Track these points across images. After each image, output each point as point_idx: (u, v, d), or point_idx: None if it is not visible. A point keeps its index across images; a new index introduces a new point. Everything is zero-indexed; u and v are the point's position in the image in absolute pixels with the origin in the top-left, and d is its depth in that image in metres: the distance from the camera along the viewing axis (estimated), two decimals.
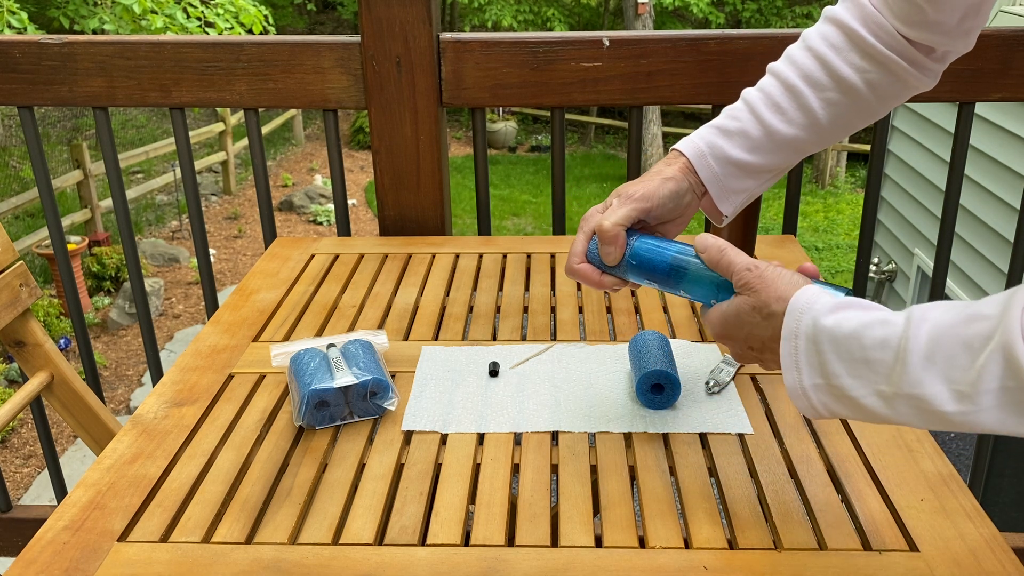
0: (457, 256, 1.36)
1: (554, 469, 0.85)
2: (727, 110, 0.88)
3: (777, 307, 0.69)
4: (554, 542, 0.75)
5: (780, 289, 0.69)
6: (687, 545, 0.74)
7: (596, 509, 0.80)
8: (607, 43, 1.41)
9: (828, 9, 0.87)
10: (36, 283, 1.31)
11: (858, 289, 1.56)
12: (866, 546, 0.73)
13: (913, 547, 0.73)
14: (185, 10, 5.65)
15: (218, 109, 8.36)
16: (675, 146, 0.88)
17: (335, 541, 0.75)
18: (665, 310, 1.18)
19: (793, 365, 0.66)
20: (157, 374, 1.67)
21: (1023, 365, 0.53)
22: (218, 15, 5.72)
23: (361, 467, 0.85)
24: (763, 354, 0.72)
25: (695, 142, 0.87)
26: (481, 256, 1.36)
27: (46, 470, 4.18)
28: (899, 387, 0.60)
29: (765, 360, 0.73)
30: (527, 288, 1.25)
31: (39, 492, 4.18)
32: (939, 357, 0.58)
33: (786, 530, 0.75)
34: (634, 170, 1.52)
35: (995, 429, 0.57)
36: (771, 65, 0.88)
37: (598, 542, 0.75)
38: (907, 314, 0.61)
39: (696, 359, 1.03)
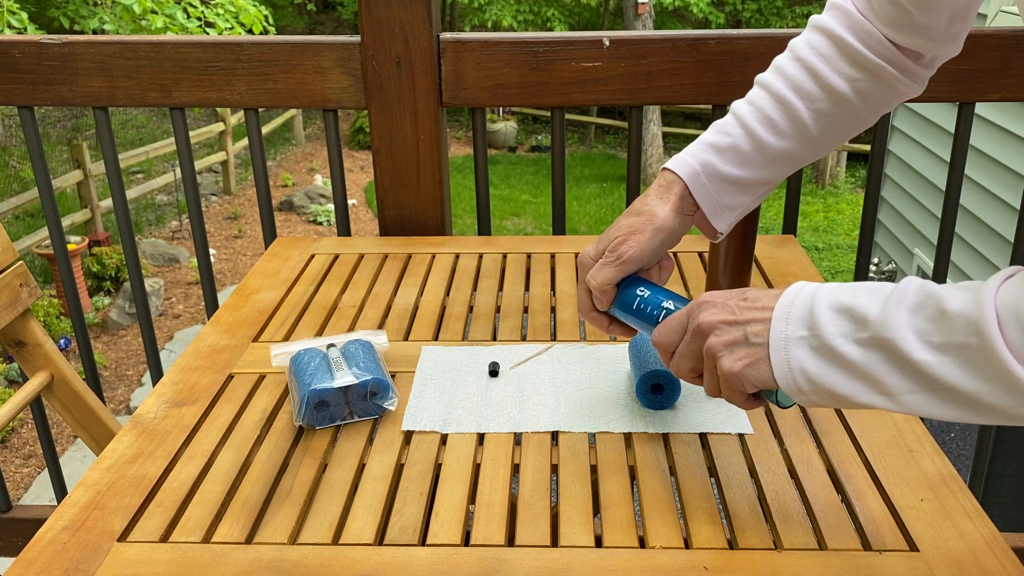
0: (457, 256, 1.36)
1: (554, 469, 0.85)
2: (718, 125, 0.87)
3: (766, 299, 0.69)
4: (554, 542, 0.75)
5: (767, 295, 0.70)
6: (687, 545, 0.74)
7: (596, 509, 0.80)
8: (607, 43, 1.41)
9: (814, 18, 0.86)
10: (36, 283, 1.31)
11: None
12: (866, 546, 0.73)
13: (913, 547, 0.73)
14: (185, 10, 5.65)
15: (218, 109, 8.36)
16: (669, 166, 0.86)
17: (335, 541, 0.75)
18: None
19: (784, 317, 0.66)
20: (157, 374, 1.67)
21: (987, 325, 0.56)
22: (218, 15, 5.72)
23: (361, 467, 0.85)
24: (748, 312, 0.69)
25: (688, 162, 0.85)
26: (481, 256, 1.36)
27: (46, 470, 4.18)
28: (875, 331, 0.61)
29: (745, 317, 0.69)
30: (527, 288, 1.25)
31: (39, 492, 4.18)
32: (919, 310, 0.60)
33: (786, 530, 0.75)
34: (634, 170, 1.52)
35: (955, 385, 0.59)
36: (759, 77, 0.87)
37: (598, 542, 0.75)
38: (907, 280, 0.63)
39: None
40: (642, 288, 0.82)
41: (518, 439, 0.90)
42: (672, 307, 0.79)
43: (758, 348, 0.67)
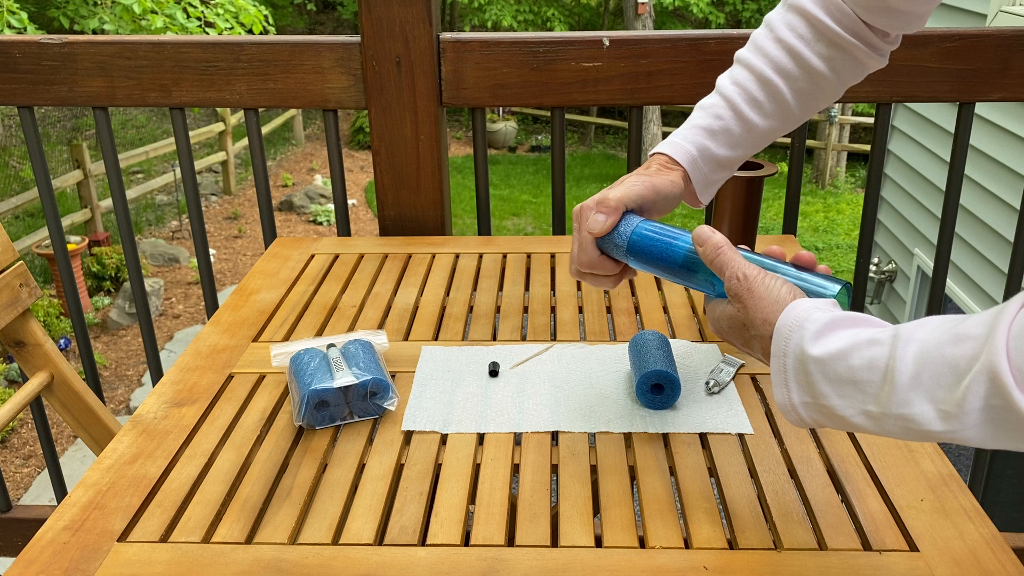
0: (457, 256, 1.36)
1: (554, 469, 0.85)
2: (707, 106, 0.89)
3: (763, 330, 0.68)
4: (554, 542, 0.75)
5: (765, 311, 0.68)
6: (687, 545, 0.74)
7: (596, 509, 0.80)
8: (607, 43, 1.41)
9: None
10: (36, 283, 1.31)
11: (858, 289, 1.56)
12: (866, 546, 0.73)
13: (913, 547, 0.73)
14: (185, 10, 5.65)
15: (218, 109, 8.36)
16: (665, 150, 0.88)
17: (335, 541, 0.75)
18: (665, 310, 1.18)
19: (783, 383, 0.66)
20: (157, 374, 1.67)
21: (1008, 385, 0.53)
22: (218, 15, 5.72)
23: (361, 467, 0.85)
24: (763, 356, 0.72)
25: (686, 148, 0.88)
26: (481, 256, 1.36)
27: (46, 470, 4.18)
28: (887, 407, 0.60)
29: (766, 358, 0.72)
30: (527, 288, 1.25)
31: (39, 492, 4.18)
32: (925, 378, 0.58)
33: (786, 530, 0.75)
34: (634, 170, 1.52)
35: (983, 444, 0.58)
36: (740, 54, 0.90)
37: (598, 542, 0.75)
38: (894, 333, 0.61)
39: (696, 359, 1.03)
40: (654, 223, 0.83)
41: (518, 439, 0.89)
42: (683, 241, 0.79)
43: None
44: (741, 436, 0.89)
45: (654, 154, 0.89)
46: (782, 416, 0.92)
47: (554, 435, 0.90)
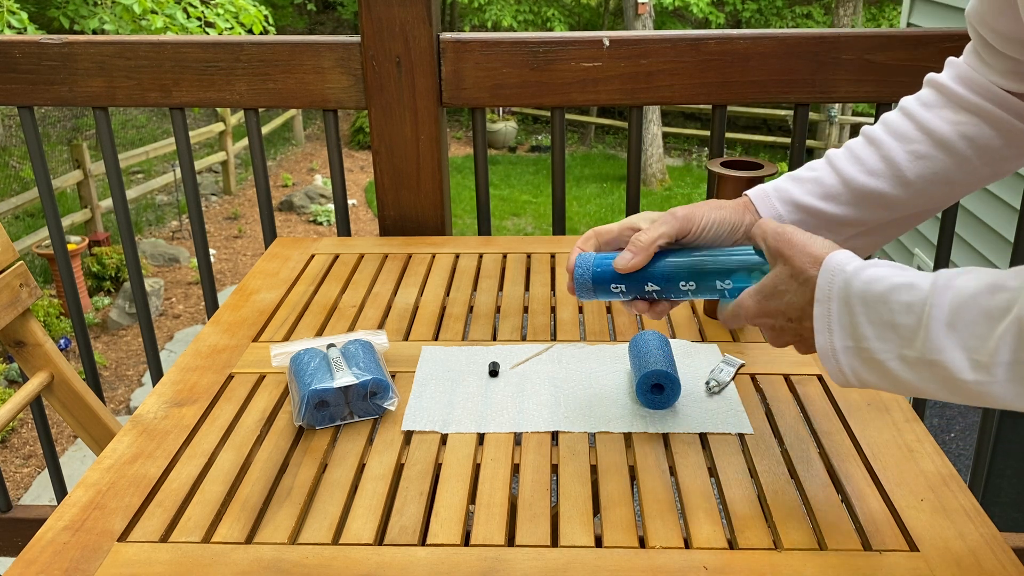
0: (457, 256, 1.36)
1: (554, 469, 0.85)
2: (806, 165, 0.88)
3: (812, 271, 0.69)
4: (554, 542, 0.75)
5: (814, 251, 0.70)
6: (687, 545, 0.74)
7: (596, 509, 0.80)
8: (607, 43, 1.41)
9: (928, 75, 0.86)
10: (36, 283, 1.31)
11: None
12: (866, 546, 0.73)
13: (913, 547, 0.73)
14: (185, 10, 5.65)
15: (218, 109, 8.36)
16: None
17: (335, 541, 0.75)
18: None
19: (826, 327, 0.67)
20: (157, 374, 1.67)
21: None
22: (218, 15, 5.72)
23: (361, 467, 0.85)
24: (801, 323, 0.71)
25: (761, 187, 0.86)
26: (481, 256, 1.36)
27: (46, 470, 4.18)
28: (922, 352, 0.61)
29: (803, 331, 0.72)
30: (527, 288, 1.25)
31: (39, 492, 4.18)
32: (960, 325, 0.59)
33: (786, 530, 0.75)
34: (634, 170, 1.52)
35: (1008, 402, 0.59)
36: (863, 129, 0.88)
37: (598, 542, 0.75)
38: (933, 279, 0.62)
39: (696, 359, 1.03)
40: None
41: (518, 439, 0.89)
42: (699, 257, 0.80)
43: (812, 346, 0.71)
44: (741, 436, 0.89)
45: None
46: (782, 416, 0.92)
47: (554, 435, 0.90)
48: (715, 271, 0.80)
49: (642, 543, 0.75)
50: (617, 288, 0.83)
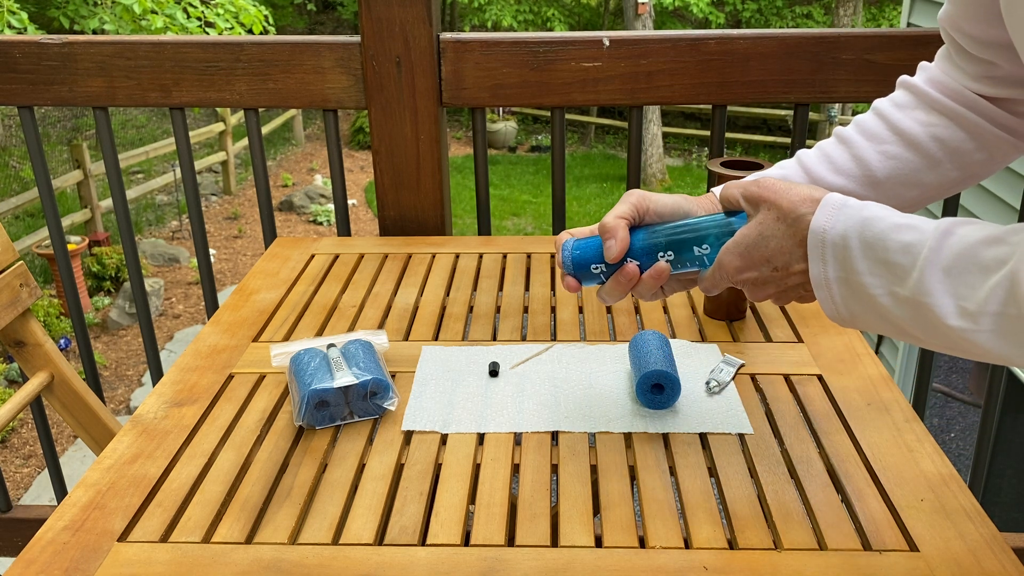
0: (457, 256, 1.36)
1: (554, 469, 0.85)
2: (776, 164, 0.89)
3: (806, 208, 0.69)
4: (554, 542, 0.75)
5: (804, 192, 0.70)
6: (687, 545, 0.74)
7: (596, 509, 0.80)
8: (607, 43, 1.41)
9: (901, 77, 0.87)
10: (36, 283, 1.31)
11: None
12: (866, 546, 0.73)
13: (913, 547, 0.73)
14: (185, 10, 5.65)
15: (218, 109, 8.36)
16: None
17: (335, 541, 0.75)
18: (665, 310, 1.18)
19: (819, 257, 0.68)
20: (157, 374, 1.67)
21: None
22: (218, 15, 5.72)
23: (361, 467, 0.85)
24: (787, 269, 0.71)
25: (727, 184, 0.85)
26: (481, 256, 1.36)
27: (46, 470, 4.18)
28: (912, 292, 0.62)
29: (788, 279, 0.72)
30: (527, 288, 1.25)
31: (39, 492, 4.18)
32: (955, 272, 0.60)
33: (786, 530, 0.75)
34: (634, 170, 1.52)
35: (990, 352, 0.59)
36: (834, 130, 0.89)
37: (598, 542, 0.75)
38: (936, 224, 0.63)
39: (696, 359, 1.03)
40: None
41: (518, 439, 0.90)
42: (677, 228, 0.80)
43: (804, 292, 0.72)
44: (741, 436, 0.89)
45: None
46: (782, 416, 0.92)
47: (554, 435, 0.90)
48: (691, 237, 0.80)
49: (642, 543, 0.75)
50: (597, 269, 0.83)
